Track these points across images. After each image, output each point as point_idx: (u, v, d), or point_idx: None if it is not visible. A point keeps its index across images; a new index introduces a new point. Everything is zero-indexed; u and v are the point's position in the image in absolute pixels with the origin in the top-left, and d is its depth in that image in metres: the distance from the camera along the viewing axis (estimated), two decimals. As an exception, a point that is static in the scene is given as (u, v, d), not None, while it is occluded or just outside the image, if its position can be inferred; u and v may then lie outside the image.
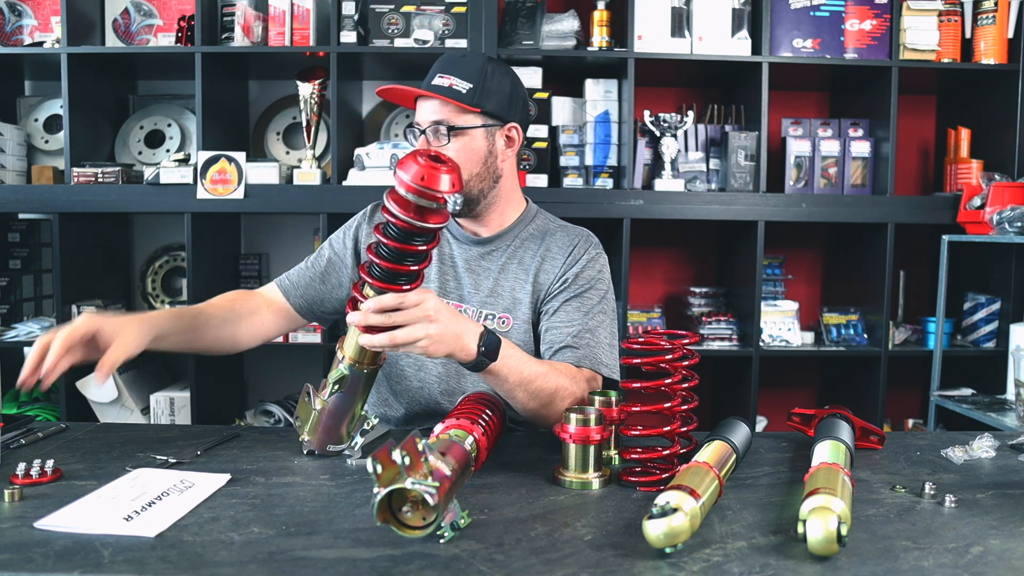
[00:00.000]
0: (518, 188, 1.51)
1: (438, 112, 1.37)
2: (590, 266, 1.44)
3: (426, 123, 1.38)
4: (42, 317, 2.76)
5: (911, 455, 1.25)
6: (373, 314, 1.08)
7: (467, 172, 1.37)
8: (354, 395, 1.17)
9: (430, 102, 1.38)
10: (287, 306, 1.48)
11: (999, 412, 2.28)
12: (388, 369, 1.47)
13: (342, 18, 2.49)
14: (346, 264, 1.49)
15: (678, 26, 2.53)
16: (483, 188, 1.41)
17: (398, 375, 1.46)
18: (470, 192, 1.39)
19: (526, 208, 1.51)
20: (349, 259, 1.49)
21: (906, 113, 2.78)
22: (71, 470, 1.11)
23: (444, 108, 1.37)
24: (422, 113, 1.39)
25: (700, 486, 0.90)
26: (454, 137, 1.36)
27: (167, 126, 2.79)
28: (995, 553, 0.87)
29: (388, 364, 1.46)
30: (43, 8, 2.69)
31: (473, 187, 1.39)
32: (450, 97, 1.35)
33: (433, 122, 1.37)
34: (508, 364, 1.20)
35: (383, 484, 0.82)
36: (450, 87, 1.36)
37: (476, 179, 1.39)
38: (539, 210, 1.54)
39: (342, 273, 1.49)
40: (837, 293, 2.91)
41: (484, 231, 1.47)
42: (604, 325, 1.41)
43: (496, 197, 1.45)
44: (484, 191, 1.42)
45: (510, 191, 1.48)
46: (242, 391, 2.96)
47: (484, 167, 1.40)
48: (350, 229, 1.52)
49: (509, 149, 1.43)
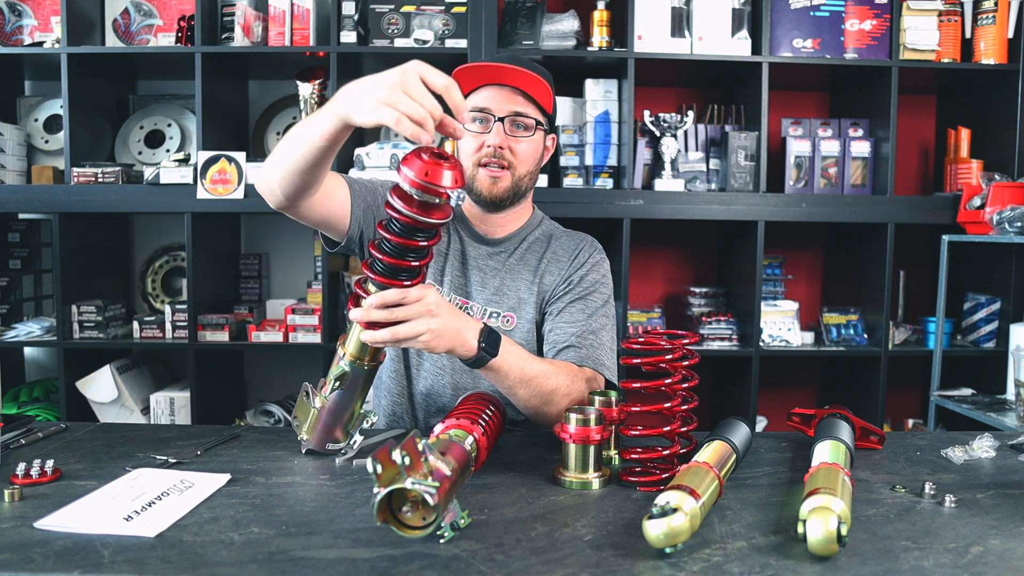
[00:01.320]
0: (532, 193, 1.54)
1: (521, 104, 1.39)
2: (594, 270, 1.46)
3: (506, 111, 1.38)
4: (42, 317, 2.76)
5: (911, 455, 1.25)
6: (375, 310, 1.08)
7: (525, 168, 1.42)
8: (354, 392, 1.18)
9: (511, 92, 1.38)
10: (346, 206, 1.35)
11: (999, 412, 2.28)
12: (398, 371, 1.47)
13: (342, 18, 2.49)
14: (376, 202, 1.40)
15: (678, 26, 2.53)
16: (528, 187, 1.45)
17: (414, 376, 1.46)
18: (519, 188, 1.43)
19: (533, 213, 1.54)
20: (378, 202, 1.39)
21: (906, 113, 2.78)
22: (71, 470, 1.10)
23: (527, 102, 1.38)
24: (500, 100, 1.38)
25: (700, 486, 0.90)
26: (535, 132, 1.40)
27: (167, 126, 2.79)
28: (995, 553, 0.87)
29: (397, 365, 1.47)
30: (43, 8, 2.69)
31: (523, 184, 1.43)
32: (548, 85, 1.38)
33: (516, 112, 1.38)
34: (509, 360, 1.21)
35: (383, 484, 0.81)
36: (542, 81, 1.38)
37: (528, 177, 1.44)
38: (544, 216, 1.57)
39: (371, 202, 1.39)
40: (837, 293, 2.91)
41: (497, 232, 1.49)
42: (606, 328, 1.43)
43: (526, 197, 1.49)
44: (527, 189, 1.46)
45: (530, 195, 1.52)
46: (242, 391, 2.96)
47: (536, 167, 1.45)
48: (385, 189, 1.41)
49: (546, 156, 1.49)
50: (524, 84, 1.37)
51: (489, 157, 1.39)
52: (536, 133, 1.41)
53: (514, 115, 1.38)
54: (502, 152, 1.38)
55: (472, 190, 1.43)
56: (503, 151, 1.38)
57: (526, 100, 1.39)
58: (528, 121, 1.39)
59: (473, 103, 1.40)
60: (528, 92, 1.38)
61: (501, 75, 1.38)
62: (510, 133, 1.38)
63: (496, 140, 1.37)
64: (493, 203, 1.43)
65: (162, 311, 2.69)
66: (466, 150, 1.40)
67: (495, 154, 1.38)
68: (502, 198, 1.42)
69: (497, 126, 1.38)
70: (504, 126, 1.38)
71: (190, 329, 2.52)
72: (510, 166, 1.40)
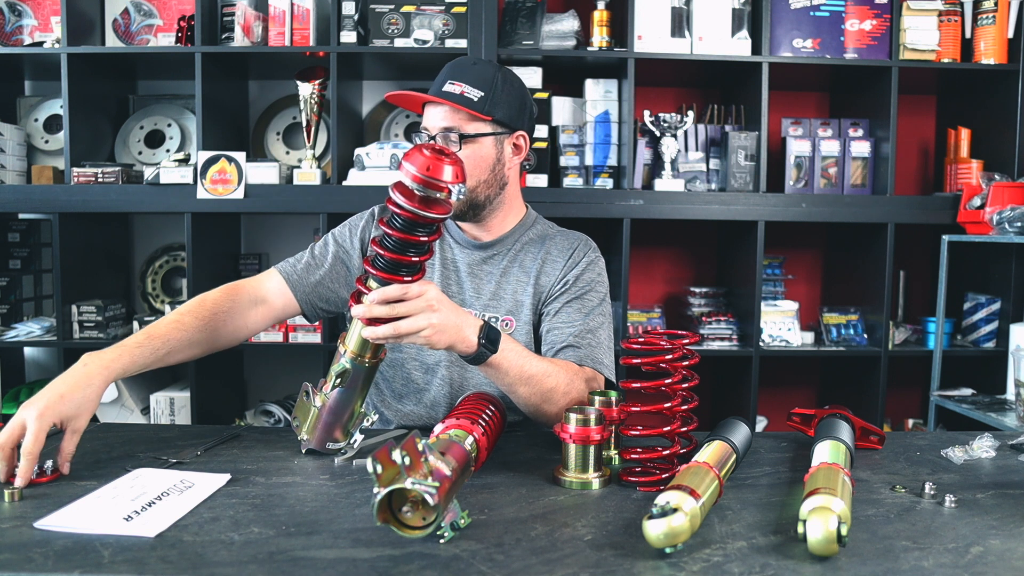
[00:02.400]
0: (519, 194, 1.52)
1: (449, 119, 1.37)
2: (590, 269, 1.46)
3: (436, 129, 1.38)
4: (42, 317, 2.76)
5: (911, 455, 1.25)
6: (377, 305, 1.09)
7: (475, 179, 1.38)
8: (355, 390, 1.18)
9: (441, 108, 1.37)
10: (292, 304, 1.44)
11: (999, 412, 2.28)
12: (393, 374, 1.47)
13: (342, 18, 2.49)
14: (348, 264, 1.47)
15: (678, 26, 2.53)
16: (489, 194, 1.42)
17: (404, 378, 1.46)
18: (476, 198, 1.40)
19: (526, 213, 1.53)
20: (356, 259, 1.47)
21: (906, 113, 2.78)
22: (71, 470, 1.10)
23: (455, 115, 1.37)
24: (432, 119, 1.39)
25: (700, 486, 0.90)
26: (465, 144, 1.37)
27: (167, 126, 2.79)
28: (995, 553, 0.87)
29: (394, 368, 1.47)
30: (43, 8, 2.69)
31: (480, 193, 1.40)
32: (462, 104, 1.35)
33: (444, 128, 1.37)
34: (508, 358, 1.21)
35: (383, 484, 0.82)
36: (461, 94, 1.36)
37: (483, 186, 1.40)
38: (538, 216, 1.56)
39: (344, 273, 1.47)
40: (837, 293, 2.91)
41: (486, 236, 1.48)
42: (604, 327, 1.43)
43: (500, 203, 1.46)
44: (491, 197, 1.42)
45: (513, 197, 1.49)
46: (242, 391, 2.96)
47: (492, 174, 1.41)
48: (356, 229, 1.49)
49: (516, 157, 1.45)
50: (444, 101, 1.36)
51: None
52: (470, 144, 1.37)
53: (443, 131, 1.37)
54: None
55: None
56: None
57: (456, 114, 1.36)
58: (454, 135, 1.36)
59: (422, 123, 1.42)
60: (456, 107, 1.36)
61: (420, 99, 1.39)
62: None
63: None
64: (456, 217, 1.43)
65: (162, 311, 2.69)
66: None
67: None
68: (458, 212, 1.41)
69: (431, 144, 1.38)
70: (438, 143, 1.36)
71: (190, 329, 2.52)
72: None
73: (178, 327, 1.29)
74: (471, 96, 1.36)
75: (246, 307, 1.39)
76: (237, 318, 1.38)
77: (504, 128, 1.41)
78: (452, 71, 1.39)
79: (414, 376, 1.45)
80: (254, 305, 1.41)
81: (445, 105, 1.36)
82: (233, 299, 1.38)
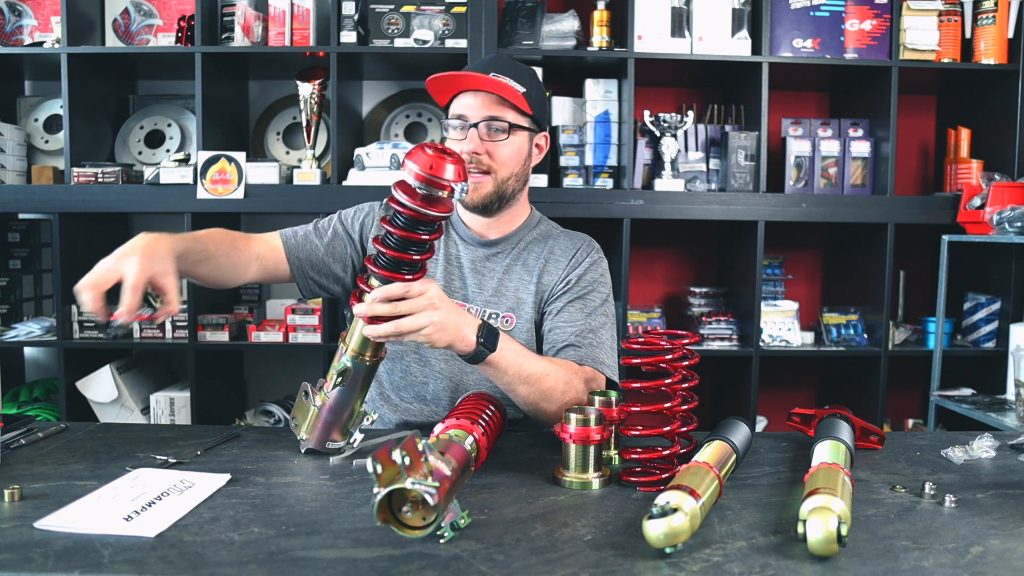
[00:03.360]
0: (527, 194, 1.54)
1: (496, 108, 1.38)
2: (592, 269, 1.46)
3: (480, 116, 1.38)
4: (42, 317, 2.76)
5: (911, 455, 1.25)
6: (379, 304, 1.10)
7: (508, 170, 1.41)
8: (355, 389, 1.18)
9: (487, 96, 1.38)
10: (284, 265, 1.43)
11: (999, 412, 2.28)
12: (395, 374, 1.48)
13: (342, 18, 2.49)
14: (348, 243, 1.47)
15: (678, 26, 2.53)
16: (516, 188, 1.44)
17: (403, 370, 1.47)
18: (505, 191, 1.42)
19: (530, 213, 1.54)
20: (355, 240, 1.47)
21: (906, 113, 2.78)
22: (71, 470, 1.11)
23: (502, 105, 1.38)
24: (475, 107, 1.39)
25: (700, 486, 0.90)
26: (511, 135, 1.39)
27: (167, 126, 2.79)
28: (995, 553, 0.87)
29: (393, 361, 1.47)
30: (43, 8, 2.69)
31: (508, 187, 1.42)
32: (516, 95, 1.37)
33: (489, 116, 1.38)
34: (507, 357, 1.22)
35: (383, 484, 0.82)
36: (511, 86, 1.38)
37: (513, 179, 1.42)
38: (542, 216, 1.57)
39: (343, 250, 1.47)
40: (837, 293, 2.91)
41: (493, 233, 1.49)
42: (606, 327, 1.43)
43: (516, 200, 1.48)
44: (516, 192, 1.45)
45: (524, 196, 1.51)
46: (242, 391, 2.96)
47: (522, 168, 1.44)
48: (360, 213, 1.50)
49: (538, 156, 1.48)
50: (497, 88, 1.37)
51: (468, 164, 1.39)
52: (514, 135, 1.40)
53: (488, 119, 1.38)
54: (479, 157, 1.38)
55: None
56: (481, 156, 1.39)
57: (501, 104, 1.38)
58: (502, 124, 1.38)
59: (453, 110, 1.42)
60: (503, 96, 1.37)
61: (474, 82, 1.38)
62: (486, 138, 1.38)
63: (471, 146, 1.38)
64: (479, 208, 1.43)
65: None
66: None
67: (472, 160, 1.38)
68: (486, 203, 1.41)
69: (472, 132, 1.38)
70: (480, 131, 1.38)
71: (190, 329, 2.52)
72: (491, 170, 1.40)
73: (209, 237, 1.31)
74: (519, 89, 1.38)
75: (251, 259, 1.39)
76: (240, 263, 1.36)
77: (536, 126, 1.45)
78: (493, 64, 1.41)
79: (412, 369, 1.46)
80: (256, 259, 1.40)
81: (494, 94, 1.37)
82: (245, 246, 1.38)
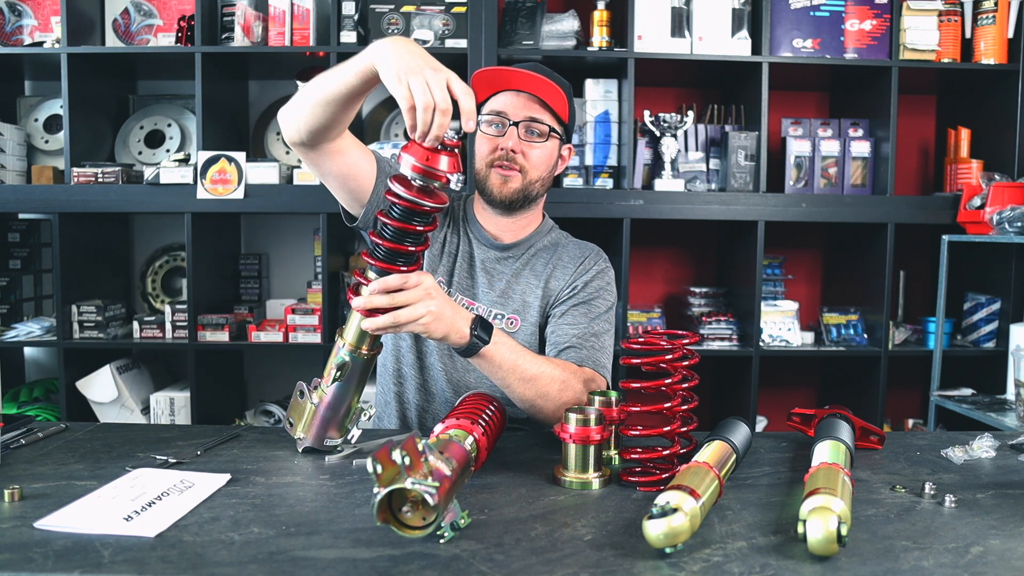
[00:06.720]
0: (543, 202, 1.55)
1: (537, 110, 1.41)
2: (599, 277, 1.48)
3: (521, 116, 1.40)
4: (42, 317, 2.76)
5: (911, 455, 1.25)
6: (377, 296, 1.11)
7: (537, 173, 1.43)
8: (352, 384, 1.19)
9: (529, 98, 1.41)
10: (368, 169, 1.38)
11: (999, 412, 2.28)
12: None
13: (342, 18, 2.49)
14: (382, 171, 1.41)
15: (678, 26, 2.53)
16: (539, 192, 1.47)
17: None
18: (530, 192, 1.44)
19: (543, 221, 1.56)
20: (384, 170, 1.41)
21: (906, 113, 2.78)
22: (71, 470, 1.11)
23: (543, 109, 1.41)
24: (517, 106, 1.41)
25: (700, 486, 0.90)
26: (549, 139, 1.42)
27: (167, 126, 2.79)
28: (995, 553, 0.87)
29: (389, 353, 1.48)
30: (43, 8, 2.69)
31: (534, 189, 1.45)
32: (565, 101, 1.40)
33: (530, 118, 1.40)
34: (501, 352, 1.23)
35: (383, 484, 0.82)
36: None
37: (540, 183, 1.45)
38: (554, 225, 1.59)
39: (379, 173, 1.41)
40: (837, 293, 2.91)
41: (507, 237, 1.50)
42: (608, 333, 1.45)
43: (537, 204, 1.50)
44: (538, 195, 1.47)
45: (541, 203, 1.53)
46: (242, 391, 2.96)
47: (549, 174, 1.47)
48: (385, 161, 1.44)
49: (561, 165, 1.51)
50: (541, 91, 1.40)
51: (502, 159, 1.41)
52: (550, 140, 1.43)
53: (529, 120, 1.41)
54: (514, 156, 1.41)
55: (483, 190, 1.45)
56: (516, 155, 1.41)
57: (542, 107, 1.41)
58: (542, 127, 1.41)
59: (491, 107, 1.43)
60: (545, 100, 1.40)
61: (519, 81, 1.40)
62: (524, 138, 1.41)
63: (510, 143, 1.40)
64: (503, 203, 1.44)
65: (162, 311, 2.69)
66: (480, 152, 1.45)
67: (507, 157, 1.41)
68: (512, 198, 1.43)
69: (512, 130, 1.40)
70: (519, 131, 1.40)
71: (190, 329, 2.52)
72: (522, 169, 1.42)
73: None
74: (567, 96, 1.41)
75: (354, 140, 1.36)
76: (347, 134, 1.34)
77: (566, 136, 1.48)
78: (537, 70, 1.42)
79: (410, 360, 1.48)
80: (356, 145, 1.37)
81: (535, 97, 1.40)
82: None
